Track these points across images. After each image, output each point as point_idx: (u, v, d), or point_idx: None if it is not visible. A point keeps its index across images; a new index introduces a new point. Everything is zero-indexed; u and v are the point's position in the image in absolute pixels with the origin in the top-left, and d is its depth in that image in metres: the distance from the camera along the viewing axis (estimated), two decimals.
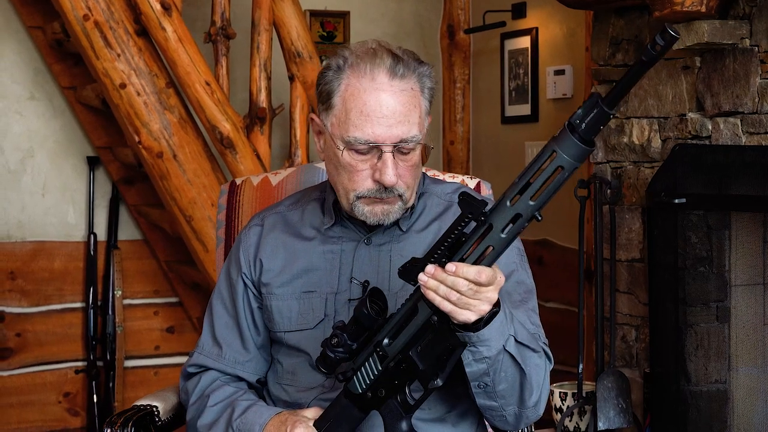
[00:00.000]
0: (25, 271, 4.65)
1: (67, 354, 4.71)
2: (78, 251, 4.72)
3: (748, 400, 3.44)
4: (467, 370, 1.78)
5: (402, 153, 1.89)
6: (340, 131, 1.89)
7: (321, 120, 1.95)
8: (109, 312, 4.69)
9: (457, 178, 2.34)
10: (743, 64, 3.23)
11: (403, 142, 1.88)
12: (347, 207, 1.95)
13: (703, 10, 3.19)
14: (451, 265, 1.62)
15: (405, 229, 2.01)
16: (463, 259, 1.63)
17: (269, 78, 4.07)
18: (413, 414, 1.79)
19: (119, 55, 3.93)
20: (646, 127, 3.61)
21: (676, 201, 3.32)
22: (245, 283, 2.06)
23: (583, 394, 3.73)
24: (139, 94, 3.96)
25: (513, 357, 1.80)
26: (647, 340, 3.61)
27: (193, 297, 4.81)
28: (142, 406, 2.14)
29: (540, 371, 1.88)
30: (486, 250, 1.62)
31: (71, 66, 4.59)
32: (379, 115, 1.86)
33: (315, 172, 2.40)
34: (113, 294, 4.69)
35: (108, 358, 4.67)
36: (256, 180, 2.43)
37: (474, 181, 2.35)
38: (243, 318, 2.06)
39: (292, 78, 4.14)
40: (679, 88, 3.46)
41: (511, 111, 4.99)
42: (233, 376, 2.07)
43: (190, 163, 4.02)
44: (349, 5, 5.17)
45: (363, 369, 1.78)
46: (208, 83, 3.92)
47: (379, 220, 1.94)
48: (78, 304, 4.73)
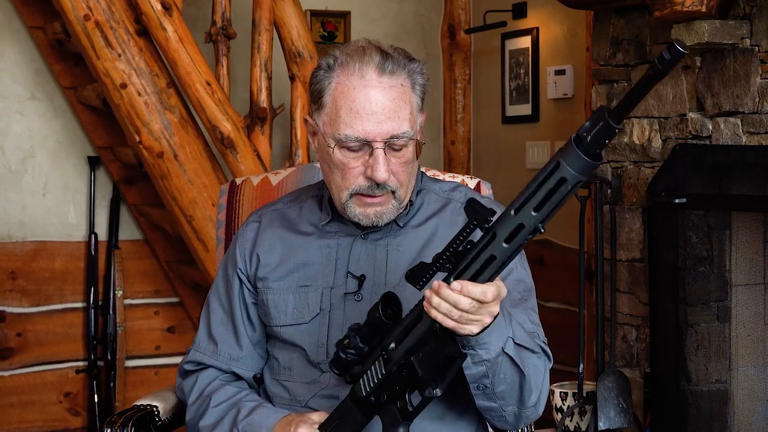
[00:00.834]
0: (26, 270, 4.65)
1: (67, 354, 4.71)
2: (79, 251, 4.72)
3: (748, 400, 3.44)
4: (466, 372, 1.78)
5: (394, 149, 1.90)
6: (332, 129, 1.90)
7: (313, 120, 1.96)
8: (110, 312, 4.69)
9: (457, 178, 2.33)
10: (743, 64, 3.23)
11: (394, 138, 1.89)
12: (340, 207, 1.96)
13: (704, 10, 3.19)
14: (456, 284, 1.62)
15: (402, 224, 2.01)
16: (466, 268, 1.63)
17: (270, 78, 4.07)
18: (411, 422, 1.78)
19: (120, 55, 3.93)
20: (646, 127, 3.61)
21: (677, 201, 3.32)
22: (240, 279, 2.07)
23: (584, 394, 3.73)
24: (139, 94, 3.96)
25: (512, 359, 1.80)
26: (647, 339, 3.61)
27: (193, 297, 4.81)
28: (142, 405, 2.14)
29: (539, 372, 1.88)
30: (488, 260, 1.61)
31: (72, 66, 4.59)
32: (368, 111, 1.87)
33: (315, 172, 2.40)
34: (114, 294, 4.69)
35: (109, 357, 4.67)
36: (256, 180, 2.43)
37: (474, 181, 2.35)
38: (238, 314, 2.07)
39: (292, 78, 4.14)
40: (680, 88, 3.46)
41: (512, 111, 4.99)
42: (230, 374, 2.08)
43: (191, 163, 4.02)
44: (350, 5, 5.17)
45: (369, 372, 1.77)
46: (208, 83, 3.92)
47: (371, 222, 1.94)
48: (79, 304, 4.73)
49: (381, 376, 1.76)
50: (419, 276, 1.67)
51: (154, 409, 2.14)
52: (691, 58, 3.42)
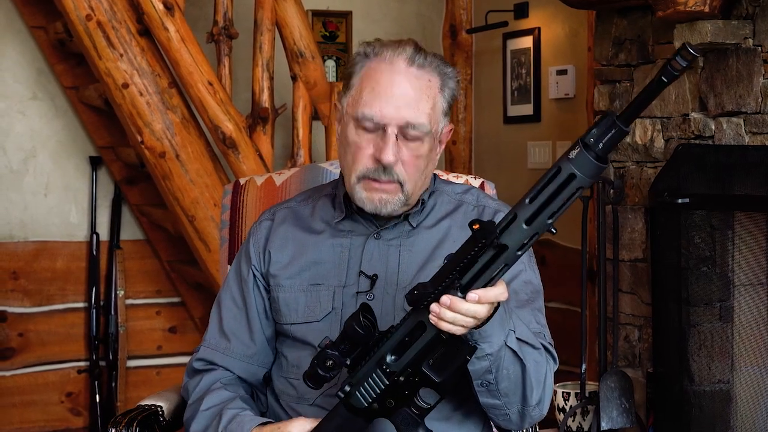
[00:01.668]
0: (28, 270, 4.66)
1: (69, 354, 4.71)
2: (80, 251, 4.72)
3: (751, 399, 3.44)
4: (470, 368, 1.78)
5: (407, 139, 1.92)
6: (353, 109, 1.94)
7: (340, 104, 1.99)
8: (112, 312, 4.69)
9: (460, 178, 2.34)
10: (746, 64, 3.23)
11: (408, 126, 1.90)
12: (350, 191, 1.97)
13: (706, 10, 3.19)
14: (473, 295, 1.62)
15: (415, 225, 2.02)
16: (476, 278, 1.63)
17: (272, 78, 4.07)
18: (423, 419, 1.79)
19: (122, 55, 3.93)
20: (649, 127, 3.61)
21: (680, 201, 3.32)
22: (255, 275, 2.07)
23: (586, 394, 3.73)
24: (141, 94, 3.96)
25: (514, 353, 1.80)
26: (650, 340, 3.61)
27: (195, 297, 4.81)
28: (147, 406, 2.14)
29: (541, 368, 1.88)
30: (502, 270, 1.62)
31: (74, 66, 4.59)
32: (389, 94, 1.90)
33: (319, 172, 2.40)
34: (116, 294, 4.70)
35: (110, 358, 4.67)
36: (260, 180, 2.43)
37: (478, 181, 2.35)
38: (253, 310, 2.06)
39: (294, 78, 4.14)
40: (682, 88, 3.46)
41: (514, 111, 4.99)
42: (235, 377, 2.07)
43: (193, 163, 4.02)
44: (351, 5, 5.17)
45: (366, 384, 1.76)
46: (210, 83, 3.92)
47: (375, 208, 1.94)
48: (80, 304, 4.73)
49: (384, 387, 1.75)
50: (420, 300, 1.67)
51: (159, 409, 2.14)
52: (688, 69, 3.41)
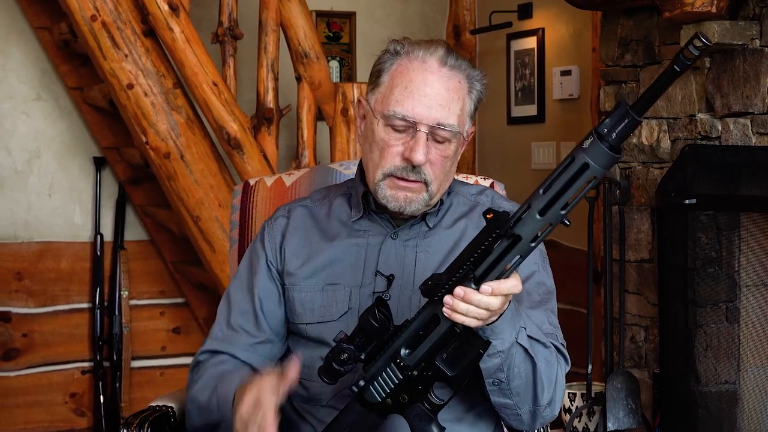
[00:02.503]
0: (32, 271, 4.65)
1: (73, 354, 4.71)
2: (84, 252, 4.72)
3: (757, 400, 3.44)
4: (482, 366, 1.78)
5: (436, 140, 1.92)
6: (382, 107, 1.93)
7: (366, 100, 1.99)
8: (116, 312, 4.69)
9: (470, 179, 2.34)
10: (753, 64, 3.22)
11: (439, 126, 1.90)
12: (373, 188, 1.96)
13: (714, 10, 3.19)
14: (487, 287, 1.63)
15: (432, 225, 2.02)
16: (490, 270, 1.63)
17: (276, 78, 4.06)
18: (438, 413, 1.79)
19: (127, 55, 3.93)
20: (655, 128, 3.61)
21: (687, 202, 3.32)
22: (269, 268, 2.05)
23: (592, 395, 3.73)
24: (146, 95, 3.96)
25: (525, 350, 1.81)
26: (656, 340, 3.61)
27: (199, 297, 4.81)
28: (158, 406, 2.14)
29: (552, 368, 1.88)
30: (516, 262, 1.62)
31: (78, 66, 4.59)
32: (422, 93, 1.90)
33: (329, 173, 2.39)
34: (120, 294, 4.70)
35: (114, 358, 4.66)
36: (269, 181, 2.42)
37: (487, 181, 2.35)
38: (264, 302, 2.04)
39: (299, 78, 4.14)
40: (689, 89, 3.46)
41: (517, 111, 4.99)
42: (240, 360, 2.04)
43: (198, 163, 4.01)
44: (355, 6, 5.17)
45: (380, 379, 1.77)
46: (215, 84, 3.92)
47: (400, 206, 1.94)
48: (84, 305, 4.72)
49: (398, 381, 1.76)
50: (434, 290, 1.67)
51: (170, 410, 2.14)
52: (700, 58, 3.42)
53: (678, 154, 3.45)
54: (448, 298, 1.65)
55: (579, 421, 3.76)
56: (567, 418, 3.79)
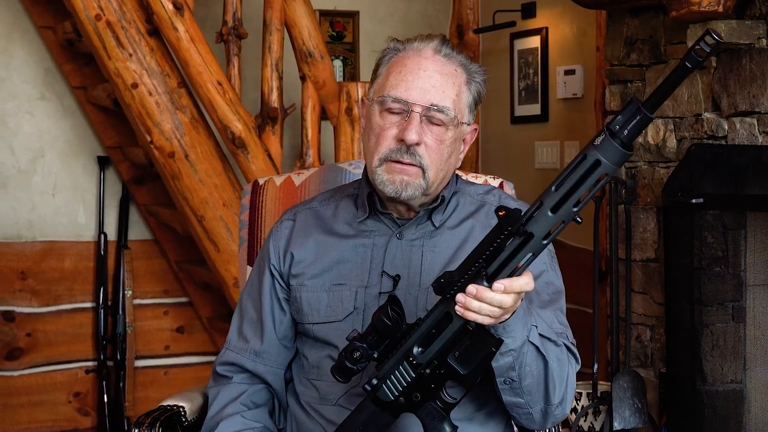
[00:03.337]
0: (36, 270, 4.65)
1: (77, 354, 4.71)
2: (88, 251, 4.72)
3: (764, 399, 3.44)
4: (494, 365, 1.79)
5: (432, 123, 1.93)
6: (378, 94, 1.96)
7: (368, 97, 2.01)
8: (120, 312, 4.69)
9: (480, 179, 2.33)
10: (760, 64, 3.22)
11: (434, 108, 1.92)
12: (371, 176, 1.97)
13: (720, 10, 3.19)
14: (499, 285, 1.63)
15: (438, 224, 2.02)
16: (502, 267, 1.63)
17: (281, 78, 4.06)
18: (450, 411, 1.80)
19: (131, 54, 3.93)
20: (661, 127, 3.61)
21: (693, 201, 3.31)
22: (272, 275, 2.07)
23: (598, 394, 3.73)
24: (150, 94, 3.95)
25: (537, 349, 1.81)
26: (662, 340, 3.60)
27: (203, 297, 4.81)
28: (169, 406, 2.14)
29: (563, 367, 1.89)
30: (528, 259, 1.63)
31: (82, 66, 4.58)
32: (415, 76, 1.93)
33: (339, 172, 2.39)
34: (123, 294, 4.69)
35: (118, 358, 4.67)
36: (279, 180, 2.42)
37: (497, 181, 2.35)
38: (267, 309, 2.07)
39: (303, 78, 4.13)
40: (695, 88, 3.46)
41: (521, 111, 4.99)
42: (256, 376, 2.07)
43: (202, 163, 4.01)
44: (359, 5, 5.17)
45: (393, 377, 1.77)
46: (219, 83, 3.92)
47: (396, 190, 1.94)
48: (88, 304, 4.72)
49: (410, 379, 1.76)
50: (446, 288, 1.68)
51: (181, 409, 2.14)
52: (711, 56, 3.42)
53: (684, 154, 3.45)
54: (460, 296, 1.65)
55: (585, 421, 3.76)
56: (573, 417, 3.79)
